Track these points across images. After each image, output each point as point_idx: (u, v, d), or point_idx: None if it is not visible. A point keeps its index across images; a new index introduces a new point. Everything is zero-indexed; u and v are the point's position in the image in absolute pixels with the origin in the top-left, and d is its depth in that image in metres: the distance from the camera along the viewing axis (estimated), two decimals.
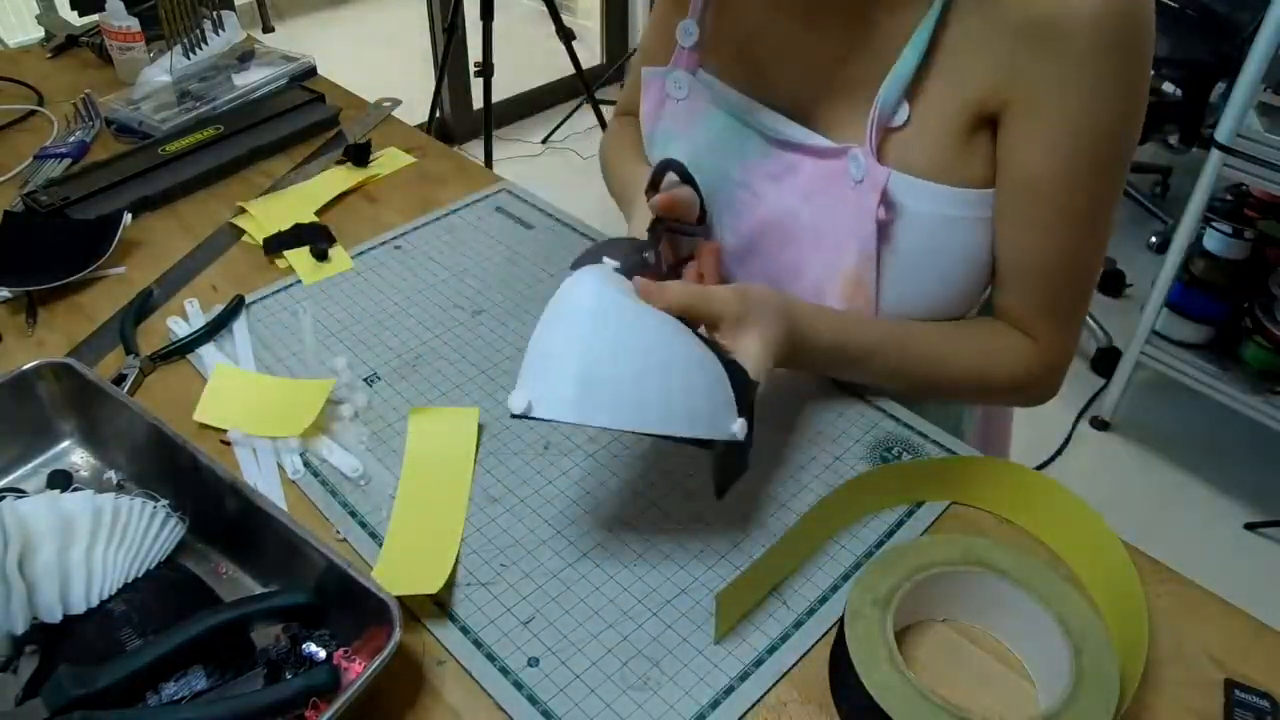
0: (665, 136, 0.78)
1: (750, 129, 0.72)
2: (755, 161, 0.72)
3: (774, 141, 0.71)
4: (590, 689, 0.52)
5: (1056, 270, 0.66)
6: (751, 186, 0.72)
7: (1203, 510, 1.80)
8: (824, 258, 0.69)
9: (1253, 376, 1.73)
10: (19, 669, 0.51)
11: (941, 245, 0.66)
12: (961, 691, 0.53)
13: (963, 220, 0.65)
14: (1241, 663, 0.54)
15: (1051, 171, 0.62)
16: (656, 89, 0.78)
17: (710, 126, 0.75)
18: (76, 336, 0.77)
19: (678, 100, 0.77)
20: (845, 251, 0.67)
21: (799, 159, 0.70)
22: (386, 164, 1.00)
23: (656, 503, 0.63)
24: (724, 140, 0.74)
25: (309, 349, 0.75)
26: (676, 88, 0.77)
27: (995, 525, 0.63)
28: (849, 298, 0.68)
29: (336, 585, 0.53)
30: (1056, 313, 0.68)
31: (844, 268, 0.67)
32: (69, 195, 0.91)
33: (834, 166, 0.67)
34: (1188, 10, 2.22)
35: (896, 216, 0.65)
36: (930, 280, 0.67)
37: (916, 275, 0.67)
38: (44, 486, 0.62)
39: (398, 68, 3.15)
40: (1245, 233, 1.73)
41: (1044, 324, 0.69)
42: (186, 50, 1.14)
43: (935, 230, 0.65)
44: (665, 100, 0.78)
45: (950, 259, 0.67)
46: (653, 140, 0.80)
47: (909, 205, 0.64)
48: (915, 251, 0.66)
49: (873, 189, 0.64)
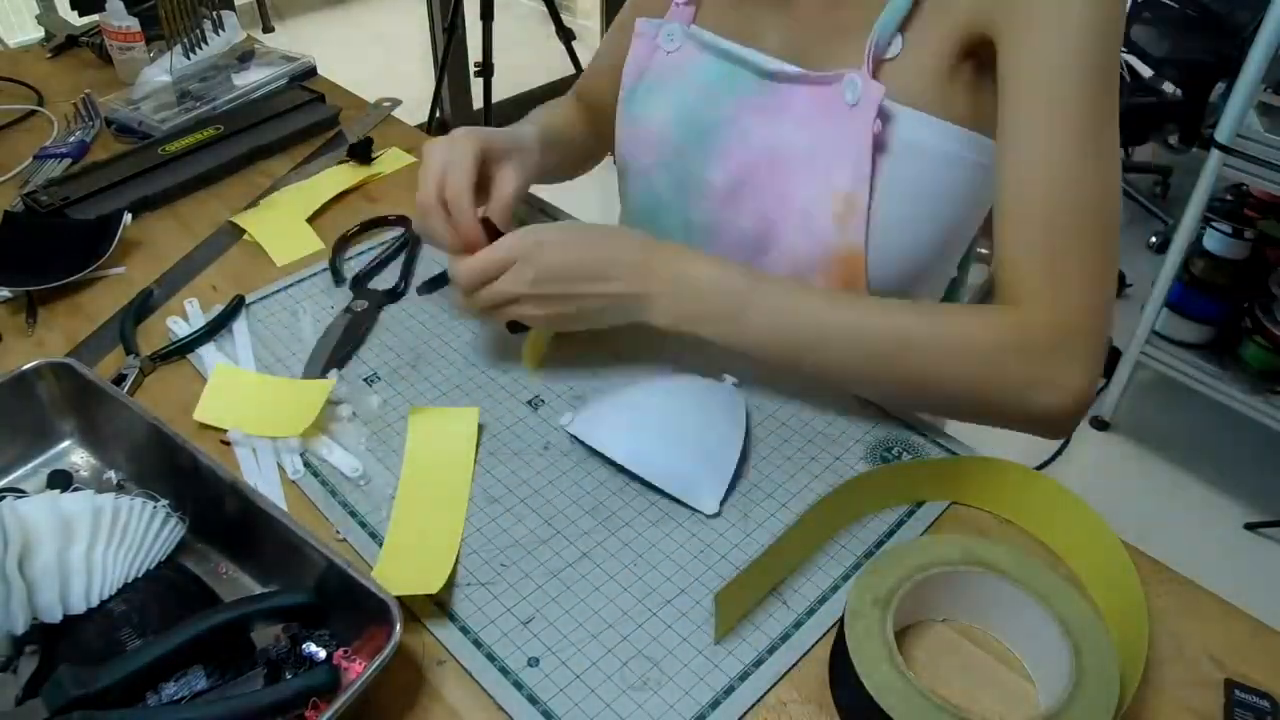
0: (649, 87, 0.80)
1: (742, 68, 0.74)
2: (748, 96, 0.74)
3: (767, 75, 0.73)
4: (590, 689, 0.52)
5: (1060, 198, 0.61)
6: (741, 121, 0.74)
7: (1203, 510, 1.80)
8: (816, 180, 0.70)
9: (1253, 376, 1.73)
10: (19, 669, 0.51)
11: (932, 178, 0.68)
12: (961, 691, 0.53)
13: (952, 157, 0.68)
14: (1241, 663, 0.54)
15: (1047, 79, 0.61)
16: (648, 41, 0.81)
17: (702, 69, 0.77)
18: (76, 336, 0.77)
19: (668, 52, 0.79)
20: (838, 172, 0.69)
21: (792, 89, 0.72)
22: (386, 164, 1.00)
23: (656, 503, 0.63)
24: (715, 81, 0.76)
25: (309, 349, 0.75)
26: (669, 39, 0.79)
27: (995, 525, 0.63)
28: (841, 217, 0.69)
29: (336, 585, 0.53)
30: (1060, 256, 0.61)
31: (836, 188, 0.69)
32: (69, 195, 0.91)
33: (828, 93, 0.69)
34: (1188, 10, 2.23)
35: (890, 140, 0.67)
36: (920, 212, 0.69)
37: (907, 204, 0.69)
38: (44, 486, 0.62)
39: (398, 68, 3.15)
40: (1245, 233, 1.73)
41: (1047, 273, 0.61)
42: (186, 50, 1.14)
43: (927, 161, 0.68)
44: (655, 51, 0.80)
45: (940, 194, 0.69)
46: (634, 94, 0.81)
47: (903, 132, 0.67)
48: (907, 179, 0.68)
49: (868, 107, 0.66)
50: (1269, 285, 1.72)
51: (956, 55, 0.66)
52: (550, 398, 0.71)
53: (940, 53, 0.66)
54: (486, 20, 2.09)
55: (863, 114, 0.66)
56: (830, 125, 0.69)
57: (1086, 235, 0.61)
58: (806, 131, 0.70)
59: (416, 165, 1.00)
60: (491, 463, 0.66)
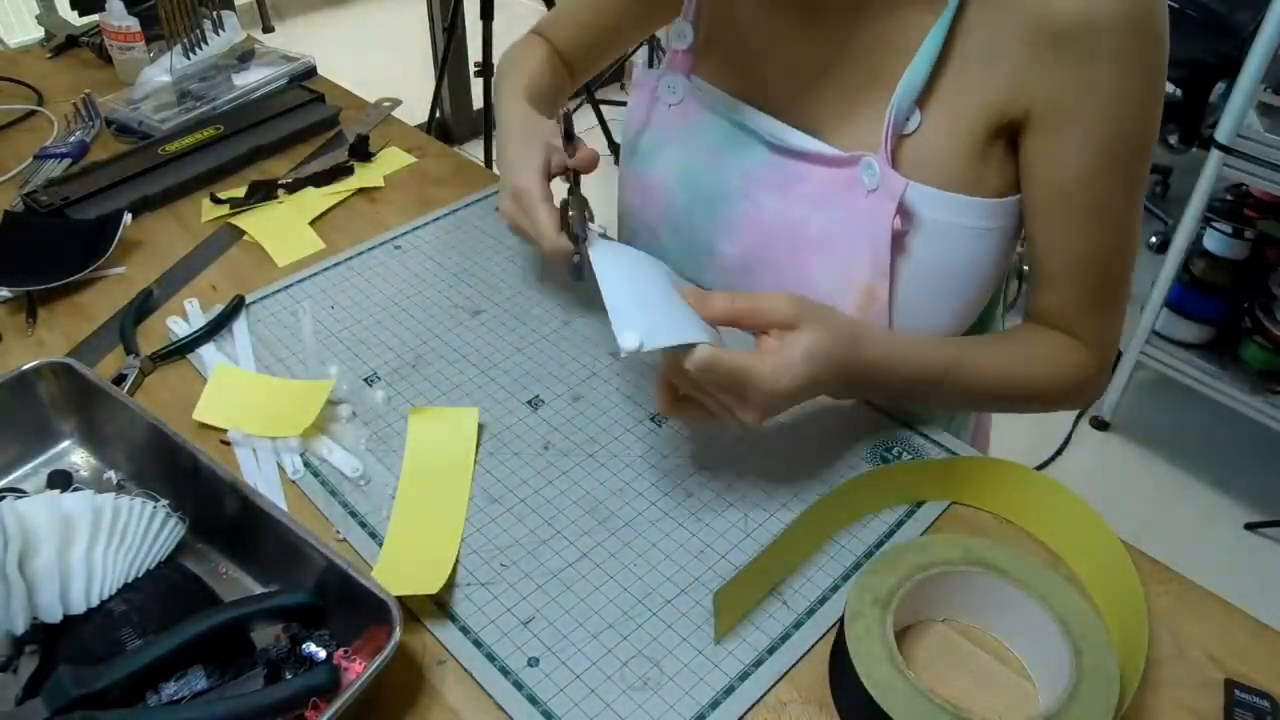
0: (654, 142, 0.76)
1: (752, 136, 0.71)
2: (758, 169, 0.70)
3: (778, 149, 0.69)
4: (590, 689, 0.52)
5: (1095, 266, 0.66)
6: (753, 195, 0.71)
7: (1203, 510, 1.80)
8: (834, 268, 0.67)
9: (1253, 376, 1.73)
10: (19, 669, 0.51)
11: (955, 255, 0.65)
12: (961, 691, 0.53)
13: (977, 230, 0.65)
14: (1241, 663, 0.54)
15: (1082, 172, 0.61)
16: (647, 91, 0.77)
17: (708, 134, 0.73)
18: (76, 336, 0.77)
19: (669, 105, 0.75)
20: (857, 262, 0.66)
21: (806, 167, 0.68)
22: (386, 164, 1.00)
23: (656, 503, 0.63)
24: (724, 148, 0.72)
25: (309, 349, 0.75)
26: (670, 92, 0.75)
27: (995, 525, 0.63)
28: (861, 309, 0.67)
29: (336, 585, 0.53)
30: (1099, 308, 0.68)
31: (855, 278, 0.66)
32: (69, 195, 0.91)
33: (845, 175, 0.66)
34: (1188, 10, 2.22)
35: (911, 226, 0.64)
36: (943, 290, 0.67)
37: (930, 285, 0.66)
38: (44, 486, 0.62)
39: (398, 68, 3.14)
40: (1245, 233, 1.73)
41: (1089, 321, 0.68)
42: (186, 50, 1.14)
43: (949, 240, 0.65)
44: (655, 104, 0.76)
45: (963, 269, 0.66)
46: (636, 147, 0.78)
47: (924, 214, 0.64)
48: (929, 261, 0.65)
49: (888, 198, 0.63)
50: (1269, 285, 1.72)
51: (985, 136, 0.63)
52: (550, 398, 0.71)
53: (965, 131, 0.63)
54: (486, 20, 2.09)
55: (881, 203, 0.63)
56: (846, 209, 0.66)
57: (1118, 279, 0.67)
58: (822, 214, 0.67)
59: (416, 166, 1.01)
60: (491, 463, 0.66)
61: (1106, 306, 0.68)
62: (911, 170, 0.63)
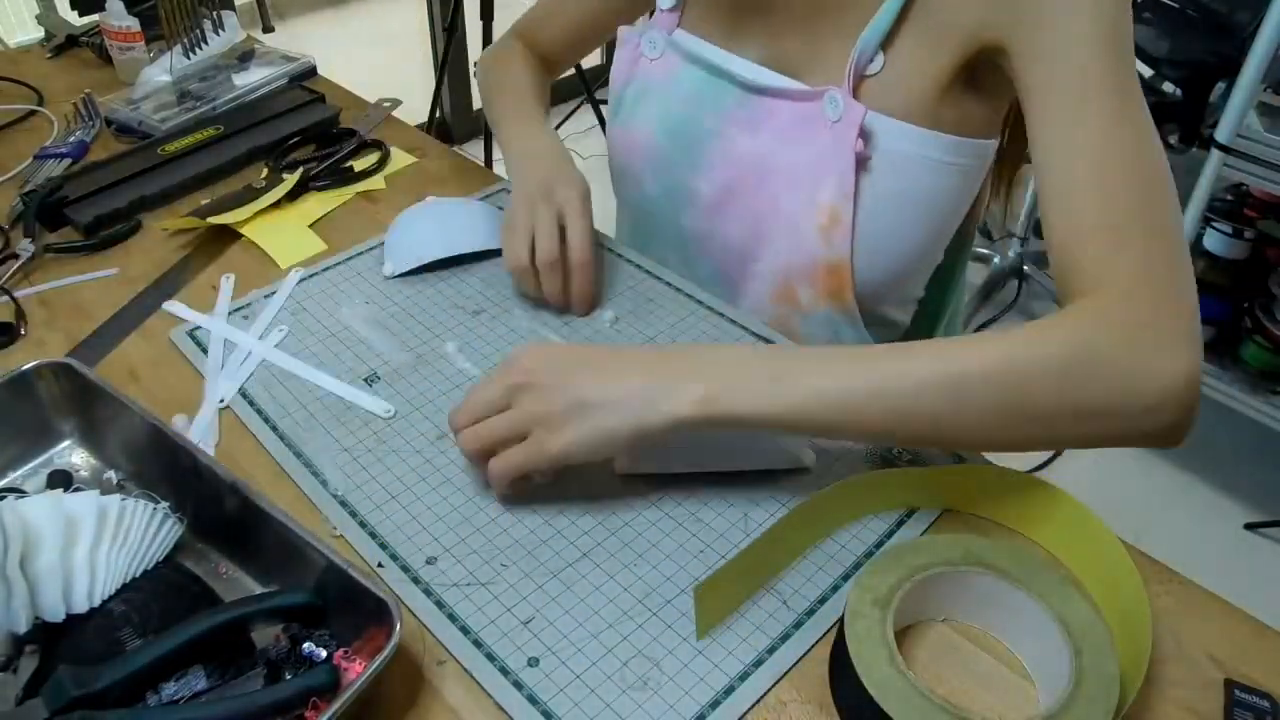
0: (636, 94, 0.81)
1: (725, 79, 0.75)
2: (731, 110, 0.75)
3: (750, 89, 0.74)
4: (590, 689, 0.52)
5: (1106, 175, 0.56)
6: (727, 134, 0.75)
7: (1203, 510, 1.80)
8: (800, 193, 0.71)
9: (1253, 376, 1.73)
10: (19, 669, 0.51)
11: (916, 186, 0.70)
12: (961, 691, 0.53)
13: (937, 163, 0.69)
14: (1241, 663, 0.54)
15: (1067, 71, 0.59)
16: (631, 48, 0.82)
17: (687, 81, 0.78)
18: (76, 336, 0.77)
19: (651, 60, 0.80)
20: (822, 187, 0.70)
21: (775, 103, 0.73)
22: (387, 164, 1.00)
23: (656, 503, 0.63)
24: (699, 92, 0.77)
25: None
26: (651, 47, 0.80)
27: (995, 525, 0.63)
28: (825, 230, 0.71)
29: (336, 585, 0.53)
30: (1125, 231, 0.55)
31: (820, 201, 0.70)
32: (69, 195, 0.91)
33: (810, 108, 0.70)
34: (1188, 10, 2.22)
35: (873, 154, 0.68)
36: (904, 219, 0.71)
37: (891, 213, 0.70)
38: (44, 486, 0.62)
39: (398, 68, 3.14)
40: (1245, 233, 1.73)
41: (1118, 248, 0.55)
42: (186, 50, 1.14)
43: (911, 170, 0.69)
44: (639, 59, 0.81)
45: (923, 200, 0.70)
46: (622, 100, 0.82)
47: (885, 144, 0.68)
48: (891, 190, 0.69)
49: (850, 125, 0.67)
50: (1269, 285, 1.72)
51: (953, 70, 0.66)
52: None
53: (928, 69, 0.66)
54: (486, 20, 2.09)
55: (845, 131, 0.68)
56: (813, 140, 0.70)
57: (1142, 195, 0.56)
58: (790, 146, 0.72)
59: (416, 166, 1.01)
60: None
61: (1135, 229, 0.55)
62: (875, 104, 0.68)
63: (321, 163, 0.98)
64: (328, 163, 0.98)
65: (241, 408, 0.70)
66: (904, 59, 0.67)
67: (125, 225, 0.90)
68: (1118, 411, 0.53)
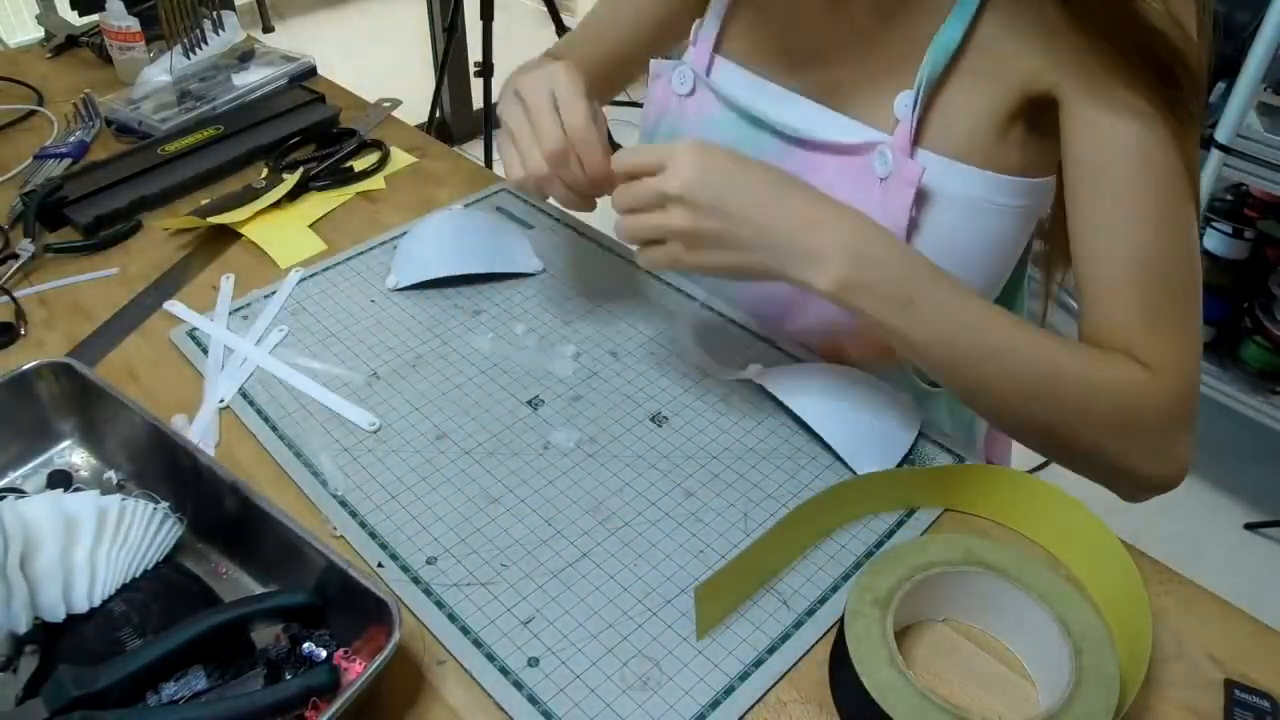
0: (668, 134, 0.77)
1: (763, 130, 0.70)
2: (771, 160, 0.69)
3: (794, 141, 0.69)
4: (590, 689, 0.52)
5: (1149, 265, 0.58)
6: None
7: (1203, 510, 1.80)
8: None
9: (1253, 376, 1.73)
10: (19, 669, 0.51)
11: (970, 231, 0.64)
12: (961, 691, 0.53)
13: (994, 206, 0.64)
14: (1241, 663, 0.54)
15: (1120, 154, 0.57)
16: (664, 83, 0.77)
17: (720, 125, 0.73)
18: (76, 336, 0.77)
19: (681, 96, 0.75)
20: None
21: (820, 157, 0.68)
22: (387, 164, 1.00)
23: (656, 503, 0.63)
24: (736, 143, 0.71)
25: None
26: (681, 82, 0.75)
27: (995, 526, 0.63)
28: None
29: (336, 585, 0.53)
30: (1160, 320, 0.59)
31: None
32: (69, 195, 0.91)
33: (858, 163, 0.65)
34: None
35: (926, 202, 0.63)
36: (956, 269, 0.64)
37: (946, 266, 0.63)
38: (44, 486, 0.62)
39: (398, 68, 3.14)
40: (1245, 233, 1.73)
41: (1151, 338, 0.59)
42: (186, 50, 1.14)
43: (968, 216, 0.64)
44: (670, 95, 0.76)
45: (979, 246, 0.65)
46: (654, 138, 0.79)
47: (940, 188, 0.63)
48: (943, 237, 0.64)
49: (904, 184, 0.62)
50: (1269, 285, 1.72)
51: (1008, 113, 0.62)
52: (550, 398, 0.71)
53: (988, 106, 0.62)
54: (486, 20, 2.09)
55: (896, 189, 0.62)
56: (861, 199, 0.64)
57: (1188, 288, 0.59)
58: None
59: (416, 166, 1.01)
60: (491, 463, 0.66)
61: (1169, 319, 0.59)
62: (931, 144, 0.63)
63: (321, 163, 0.98)
64: (328, 163, 0.98)
65: (241, 408, 0.70)
66: (966, 90, 0.62)
67: (125, 225, 0.90)
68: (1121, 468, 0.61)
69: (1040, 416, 0.60)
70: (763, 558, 0.57)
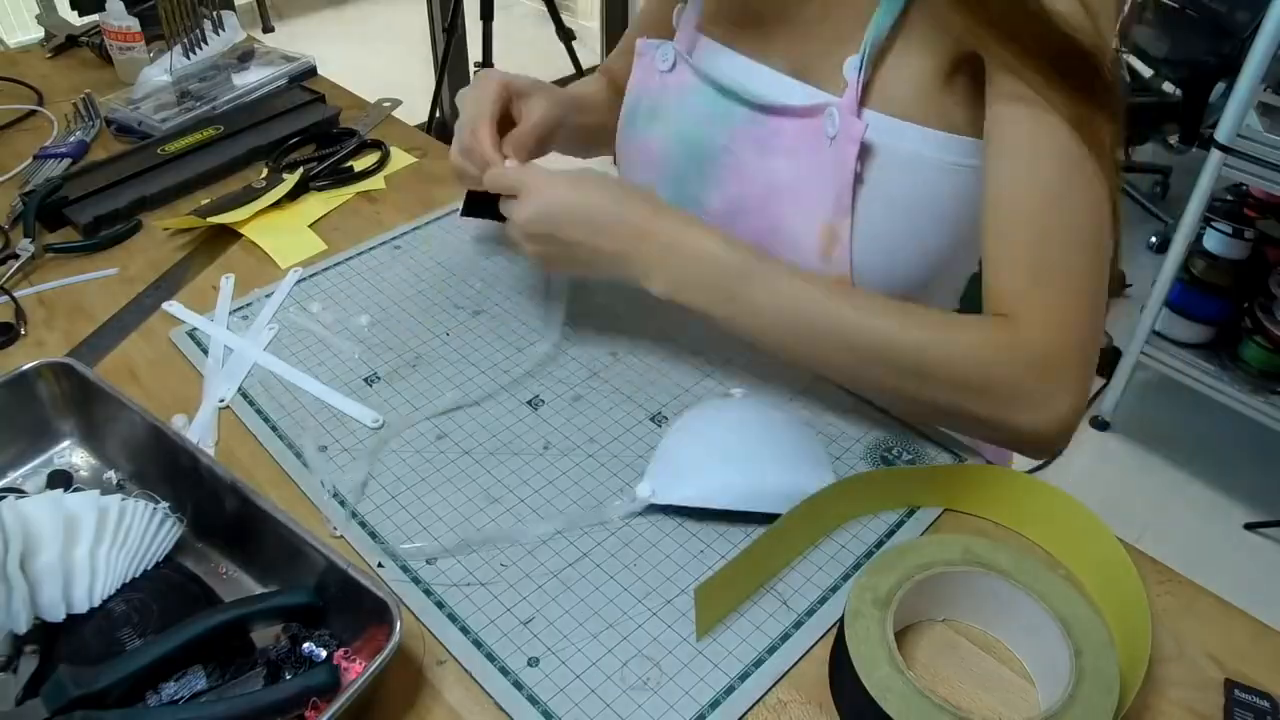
0: (649, 110, 0.80)
1: (733, 100, 0.74)
2: (742, 129, 0.74)
3: (759, 108, 0.73)
4: (590, 689, 0.52)
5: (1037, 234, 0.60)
6: (736, 151, 0.74)
7: (1203, 510, 1.80)
8: (802, 212, 0.70)
9: (1253, 376, 1.73)
10: (19, 669, 0.51)
11: (916, 188, 0.67)
12: (961, 691, 0.53)
13: (939, 163, 0.66)
14: (1241, 663, 0.54)
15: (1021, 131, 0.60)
16: (647, 61, 0.81)
17: (697, 101, 0.77)
18: (76, 336, 0.77)
19: (661, 73, 0.79)
20: (822, 204, 0.69)
21: (781, 121, 0.72)
22: (387, 164, 1.00)
23: (656, 503, 0.63)
24: (713, 111, 0.76)
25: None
26: (662, 60, 0.79)
27: (995, 526, 0.63)
28: (824, 250, 0.69)
29: (336, 585, 0.53)
30: (1042, 282, 0.60)
31: (819, 218, 0.69)
32: (69, 195, 0.91)
33: (811, 124, 0.69)
34: (1188, 10, 2.22)
35: (873, 159, 0.66)
36: (904, 226, 0.68)
37: (890, 219, 0.68)
38: (44, 486, 0.62)
39: (398, 68, 3.15)
40: (1245, 233, 1.73)
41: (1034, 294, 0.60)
42: (186, 50, 1.14)
43: (912, 172, 0.66)
44: (651, 72, 0.80)
45: (925, 203, 0.67)
46: (636, 112, 0.82)
47: (886, 144, 0.66)
48: (889, 193, 0.67)
49: (849, 141, 0.66)
50: (1269, 285, 1.72)
51: (948, 68, 0.65)
52: (550, 398, 0.71)
53: (930, 64, 0.65)
54: (486, 20, 2.09)
55: (843, 147, 0.66)
56: (814, 157, 0.69)
57: (1077, 255, 0.60)
58: (794, 163, 0.71)
59: (416, 166, 1.01)
60: (491, 463, 0.66)
61: (1053, 282, 0.60)
62: (878, 103, 0.66)
63: (321, 163, 0.98)
64: (328, 163, 0.98)
65: (241, 407, 0.70)
66: (909, 51, 0.66)
67: (125, 225, 0.90)
68: (993, 425, 0.62)
69: (883, 383, 0.63)
70: (763, 557, 0.57)
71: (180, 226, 0.89)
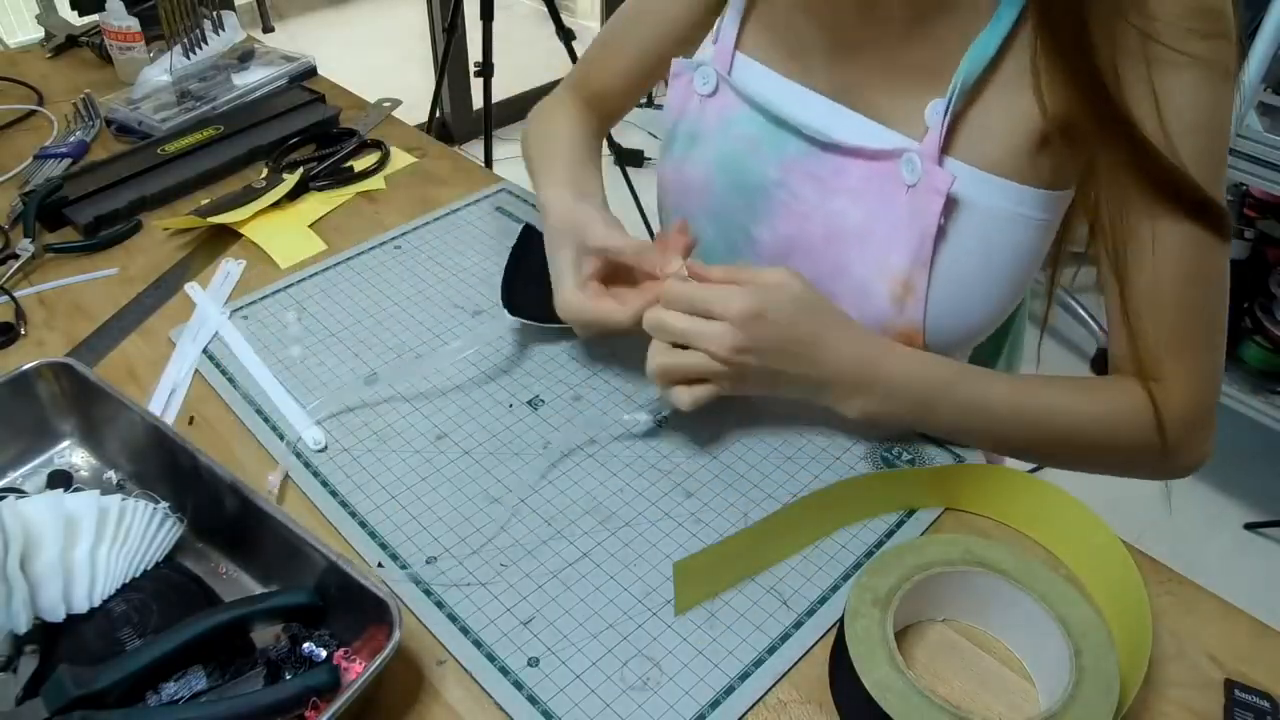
0: (688, 135, 0.76)
1: (786, 130, 0.70)
2: (794, 158, 0.69)
3: (815, 143, 0.68)
4: (590, 689, 0.52)
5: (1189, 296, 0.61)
6: (790, 186, 0.70)
7: (1203, 510, 1.80)
8: (872, 258, 0.67)
9: (1253, 376, 1.73)
10: (19, 669, 0.51)
11: (997, 243, 0.64)
12: (961, 691, 0.53)
13: (1022, 218, 0.63)
14: (1241, 663, 0.54)
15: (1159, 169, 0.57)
16: (684, 83, 0.76)
17: (742, 128, 0.72)
18: (76, 336, 0.77)
19: (702, 97, 0.74)
20: (896, 253, 0.65)
21: (845, 161, 0.67)
22: (387, 164, 1.00)
23: (657, 503, 0.63)
24: (761, 140, 0.71)
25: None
26: (703, 83, 0.74)
27: (995, 525, 0.63)
28: (898, 299, 0.66)
29: (336, 585, 0.53)
30: (1184, 347, 0.63)
31: (893, 268, 0.66)
32: (69, 195, 0.91)
33: (883, 168, 0.65)
34: None
35: (954, 211, 0.63)
36: (979, 281, 0.65)
37: (967, 275, 0.65)
38: (44, 486, 0.62)
39: (398, 68, 3.15)
40: (1245, 233, 1.73)
41: (1171, 362, 0.63)
42: (186, 50, 1.14)
43: (994, 226, 0.63)
44: (690, 95, 0.75)
45: (1002, 258, 0.64)
46: (675, 137, 0.77)
47: (970, 197, 0.62)
48: (969, 249, 0.64)
49: (932, 192, 0.62)
50: (1269, 285, 1.72)
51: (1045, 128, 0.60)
52: (550, 398, 0.71)
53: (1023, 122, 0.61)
54: (486, 20, 2.09)
55: (924, 198, 0.62)
56: (887, 204, 0.65)
57: (1211, 323, 0.63)
58: (861, 207, 0.67)
59: (416, 166, 1.01)
60: (491, 463, 0.66)
61: (1192, 347, 0.63)
62: (962, 153, 0.62)
63: (321, 163, 0.98)
64: (328, 163, 0.98)
65: (242, 407, 0.70)
66: (999, 100, 0.61)
67: (125, 225, 0.90)
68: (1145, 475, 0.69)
69: (1064, 460, 0.68)
70: (752, 545, 0.57)
71: (180, 226, 0.89)
